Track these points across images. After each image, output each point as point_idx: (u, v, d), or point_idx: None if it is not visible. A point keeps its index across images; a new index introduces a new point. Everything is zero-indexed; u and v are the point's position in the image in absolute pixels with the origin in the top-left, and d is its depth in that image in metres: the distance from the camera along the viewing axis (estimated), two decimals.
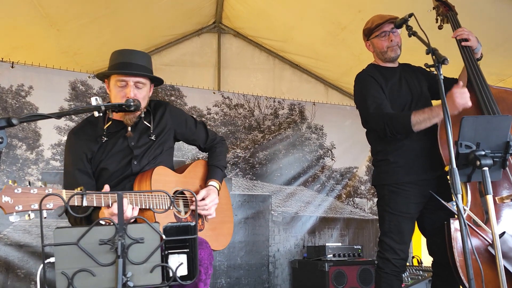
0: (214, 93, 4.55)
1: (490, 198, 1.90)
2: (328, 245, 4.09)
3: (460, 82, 2.30)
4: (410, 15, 2.27)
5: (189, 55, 4.77)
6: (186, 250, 1.38)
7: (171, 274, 1.35)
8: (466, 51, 2.48)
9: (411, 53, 2.64)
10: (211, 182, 2.29)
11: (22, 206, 1.58)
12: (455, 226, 2.20)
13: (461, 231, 1.78)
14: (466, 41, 2.49)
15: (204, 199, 2.20)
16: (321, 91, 5.19)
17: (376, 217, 4.63)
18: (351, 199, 4.96)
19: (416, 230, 2.66)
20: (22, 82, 3.71)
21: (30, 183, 1.63)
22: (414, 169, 2.50)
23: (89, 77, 3.99)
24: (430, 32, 2.15)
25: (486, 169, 1.90)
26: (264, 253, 4.42)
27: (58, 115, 1.62)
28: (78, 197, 1.71)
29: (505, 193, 2.29)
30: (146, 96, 2.17)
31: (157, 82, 2.26)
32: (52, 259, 2.43)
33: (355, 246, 4.24)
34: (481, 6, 3.22)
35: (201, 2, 4.35)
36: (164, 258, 1.36)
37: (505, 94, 2.46)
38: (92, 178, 2.12)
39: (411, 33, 2.26)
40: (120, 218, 1.31)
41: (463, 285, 2.19)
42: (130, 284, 1.29)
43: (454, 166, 1.83)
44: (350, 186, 4.98)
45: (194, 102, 4.42)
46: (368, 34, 2.68)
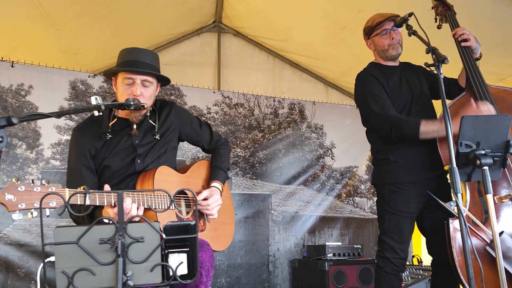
0: (214, 92, 4.55)
1: (490, 198, 1.90)
2: (328, 244, 4.09)
3: (472, 101, 2.29)
4: (410, 14, 2.26)
5: (189, 55, 4.77)
6: (186, 249, 1.38)
7: (171, 273, 1.35)
8: (465, 51, 2.47)
9: (411, 52, 2.64)
10: (214, 183, 2.29)
11: (25, 204, 1.58)
12: (454, 225, 2.20)
13: (461, 231, 1.78)
14: (465, 41, 2.49)
15: (206, 199, 2.20)
16: (321, 91, 5.19)
17: (376, 216, 4.61)
18: (351, 199, 4.96)
19: (416, 229, 2.66)
20: (22, 82, 3.71)
21: (34, 181, 1.63)
22: (414, 168, 2.50)
23: (89, 76, 3.99)
24: (430, 31, 2.15)
25: (486, 168, 1.90)
26: (264, 252, 4.42)
27: (58, 114, 1.62)
28: (81, 196, 1.71)
29: (503, 192, 2.29)
30: (152, 94, 2.17)
31: (163, 82, 2.26)
32: (52, 258, 2.43)
33: (355, 246, 4.24)
34: (481, 6, 3.22)
35: (201, 2, 4.35)
36: (164, 257, 1.36)
37: (504, 94, 2.46)
38: (95, 175, 2.12)
39: (411, 32, 2.26)
40: (120, 217, 1.31)
41: (463, 284, 2.19)
42: (130, 283, 1.29)
43: (454, 165, 1.84)
44: (350, 185, 4.98)
45: (194, 101, 4.42)
46: (369, 32, 2.67)
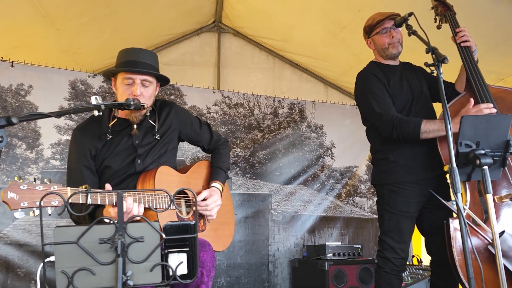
0: (214, 92, 4.55)
1: (490, 197, 1.90)
2: (328, 244, 4.09)
3: (471, 100, 2.30)
4: (410, 14, 2.26)
5: (189, 55, 4.77)
6: (186, 249, 1.38)
7: (171, 273, 1.35)
8: (465, 51, 2.48)
9: (411, 52, 2.64)
10: (214, 184, 2.30)
11: (27, 203, 1.58)
12: (454, 225, 2.20)
13: (461, 231, 1.78)
14: (465, 41, 2.49)
15: (206, 200, 2.20)
16: (321, 90, 5.19)
17: (376, 216, 4.63)
18: (351, 198, 4.96)
19: (416, 229, 2.65)
20: (22, 81, 3.71)
21: (36, 180, 1.63)
22: (414, 168, 2.50)
23: (88, 76, 3.99)
24: (430, 30, 2.15)
25: (486, 168, 1.90)
26: (264, 252, 4.42)
27: (58, 114, 1.63)
28: (83, 195, 1.72)
29: (503, 192, 2.29)
30: (152, 94, 2.17)
31: (163, 82, 2.27)
32: (52, 258, 2.42)
33: (355, 245, 4.24)
34: (480, 5, 3.22)
35: (201, 2, 4.35)
36: (164, 257, 1.36)
37: (504, 94, 2.46)
38: (95, 175, 2.12)
39: (411, 32, 2.26)
40: (120, 217, 1.31)
41: (462, 284, 2.19)
42: (130, 283, 1.29)
43: (454, 165, 1.84)
44: (350, 185, 4.98)
45: (194, 101, 4.42)
46: (369, 31, 2.67)
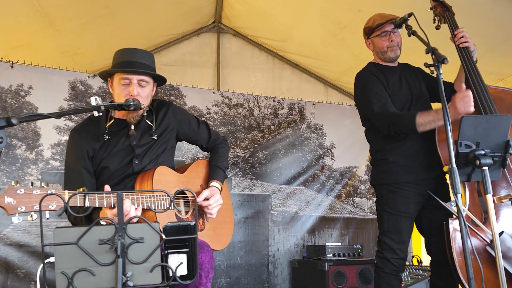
0: (213, 92, 4.55)
1: (490, 198, 1.90)
2: (328, 244, 4.09)
3: (462, 85, 2.30)
4: (410, 15, 2.26)
5: (188, 55, 4.77)
6: (186, 250, 1.38)
7: (171, 274, 1.35)
8: (463, 52, 2.48)
9: (411, 53, 2.64)
10: (213, 183, 2.29)
11: (24, 207, 1.57)
12: (454, 226, 2.20)
13: (461, 231, 1.78)
14: (464, 42, 2.49)
15: (208, 199, 2.19)
16: (320, 91, 5.19)
17: (376, 216, 4.62)
18: (351, 199, 4.96)
19: (415, 229, 2.65)
20: (22, 82, 3.71)
21: (33, 184, 1.63)
22: (413, 168, 2.50)
23: (88, 76, 3.98)
24: (429, 31, 2.15)
25: (486, 168, 1.90)
26: (264, 252, 4.42)
27: (58, 115, 1.62)
28: (80, 198, 1.71)
29: (503, 192, 2.29)
30: (149, 94, 2.16)
31: (160, 82, 2.26)
32: (52, 259, 2.43)
33: (355, 246, 4.24)
34: (480, 5, 3.22)
35: (200, 2, 4.35)
36: (164, 258, 1.36)
37: (502, 94, 2.46)
38: (93, 176, 2.12)
39: (411, 32, 2.26)
40: (120, 217, 1.31)
41: (462, 284, 2.19)
42: (130, 283, 1.29)
43: (454, 165, 1.83)
44: (349, 185, 4.98)
45: (193, 101, 4.42)
46: (368, 32, 2.68)
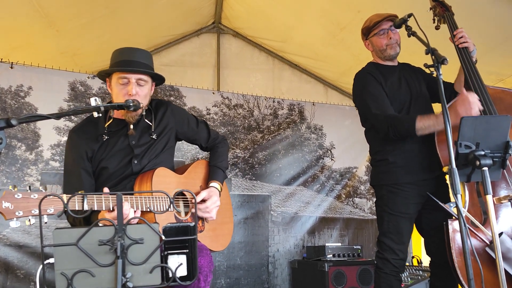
0: (213, 93, 4.55)
1: (490, 198, 1.90)
2: (327, 245, 4.08)
3: (463, 89, 2.29)
4: (410, 15, 2.26)
5: (188, 55, 4.77)
6: (185, 251, 1.38)
7: (171, 275, 1.35)
8: (463, 52, 2.47)
9: (411, 53, 2.64)
10: (212, 184, 2.28)
11: (22, 212, 1.57)
12: (454, 226, 2.20)
13: (461, 232, 1.78)
14: (463, 43, 2.49)
15: (205, 201, 2.18)
16: (320, 91, 5.19)
17: (375, 217, 4.62)
18: (351, 199, 4.96)
19: (416, 230, 2.65)
20: (22, 83, 3.70)
21: (31, 188, 1.62)
22: (413, 169, 2.50)
23: (88, 77, 3.98)
24: (429, 31, 2.14)
25: (485, 169, 1.90)
26: (263, 253, 4.42)
27: (58, 116, 1.62)
28: (79, 201, 1.71)
29: (502, 193, 2.29)
30: (147, 94, 2.16)
31: (158, 81, 2.25)
32: (51, 260, 2.43)
33: (355, 246, 4.24)
34: (480, 5, 3.22)
35: (200, 2, 4.35)
36: (163, 259, 1.36)
37: (502, 94, 2.46)
38: (92, 177, 2.11)
39: (411, 33, 2.26)
40: (119, 218, 1.31)
41: (462, 285, 2.18)
42: (130, 284, 1.28)
43: (454, 166, 1.83)
44: (349, 186, 4.98)
45: (193, 102, 4.42)
46: (366, 33, 2.68)
